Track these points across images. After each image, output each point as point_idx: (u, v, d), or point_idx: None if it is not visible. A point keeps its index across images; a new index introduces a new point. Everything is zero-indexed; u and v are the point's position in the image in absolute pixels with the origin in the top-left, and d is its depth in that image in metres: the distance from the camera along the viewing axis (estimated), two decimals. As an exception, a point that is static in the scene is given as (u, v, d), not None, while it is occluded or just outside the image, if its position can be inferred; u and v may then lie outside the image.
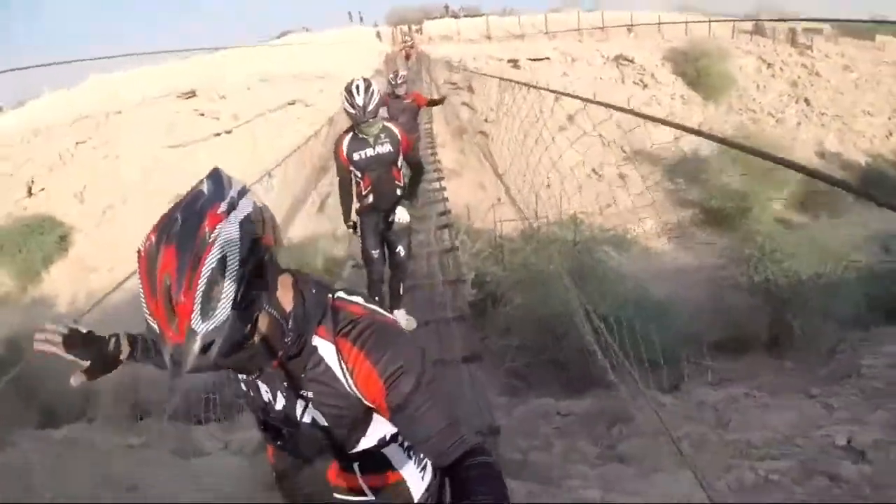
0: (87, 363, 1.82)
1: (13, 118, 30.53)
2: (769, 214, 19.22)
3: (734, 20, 32.62)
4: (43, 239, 23.69)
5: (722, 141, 3.79)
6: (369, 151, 5.26)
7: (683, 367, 10.76)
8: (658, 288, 13.53)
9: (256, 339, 1.42)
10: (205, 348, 1.25)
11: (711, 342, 12.65)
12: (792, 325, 12.85)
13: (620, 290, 12.08)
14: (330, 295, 1.65)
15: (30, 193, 26.03)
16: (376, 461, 1.76)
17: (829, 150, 27.09)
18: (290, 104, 27.51)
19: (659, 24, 29.84)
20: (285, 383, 1.64)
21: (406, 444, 1.78)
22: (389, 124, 5.36)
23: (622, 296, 11.72)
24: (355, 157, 5.27)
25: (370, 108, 4.96)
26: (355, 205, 5.66)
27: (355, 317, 1.59)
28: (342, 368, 1.56)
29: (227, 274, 1.25)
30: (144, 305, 1.28)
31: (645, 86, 28.62)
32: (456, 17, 39.88)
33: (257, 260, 1.33)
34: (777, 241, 14.70)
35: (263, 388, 1.70)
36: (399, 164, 5.50)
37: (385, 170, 5.40)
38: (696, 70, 28.14)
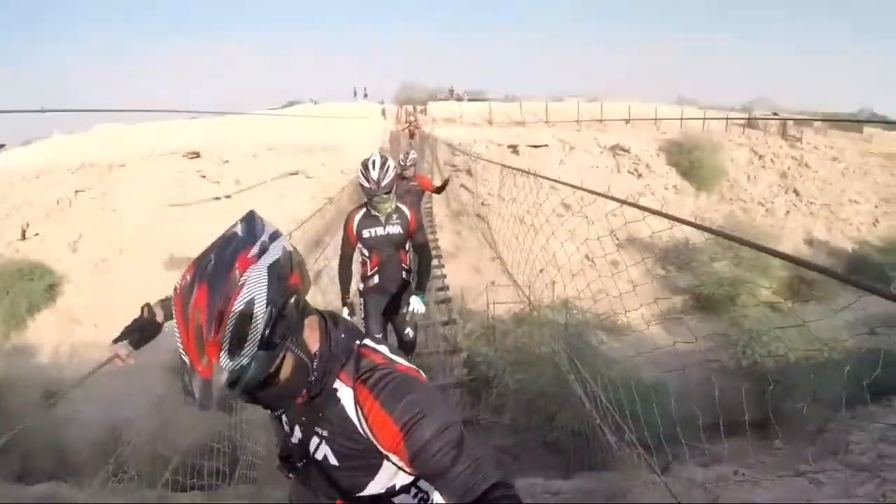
0: (125, 349, 2.26)
1: (17, 157, 30.31)
2: (757, 300, 19.50)
3: (726, 118, 33.29)
4: (32, 285, 23.01)
5: (714, 232, 4.07)
6: (380, 230, 5.24)
7: (674, 449, 10.95)
8: (648, 372, 13.75)
9: (282, 377, 1.52)
10: (231, 384, 1.35)
11: (701, 425, 12.84)
12: (780, 406, 13.10)
13: (611, 374, 12.29)
14: (357, 342, 1.71)
15: (23, 237, 25.80)
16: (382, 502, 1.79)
17: (817, 238, 27.64)
18: (292, 174, 27.82)
19: (656, 119, 30.40)
20: (304, 418, 1.72)
21: (422, 499, 1.83)
22: (401, 205, 5.34)
23: (613, 380, 11.95)
24: (365, 234, 5.24)
25: (384, 182, 4.93)
26: (357, 284, 5.74)
27: (376, 364, 1.64)
28: (357, 413, 1.61)
29: (255, 315, 1.34)
30: (178, 339, 1.36)
31: (639, 175, 29.22)
32: (460, 100, 40.14)
33: (284, 302, 1.40)
34: (764, 325, 14.98)
35: (285, 418, 1.79)
36: (407, 247, 5.49)
37: (394, 251, 5.38)
38: (689, 161, 28.80)
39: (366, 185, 4.96)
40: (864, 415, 12.15)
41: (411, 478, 1.78)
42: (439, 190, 11.60)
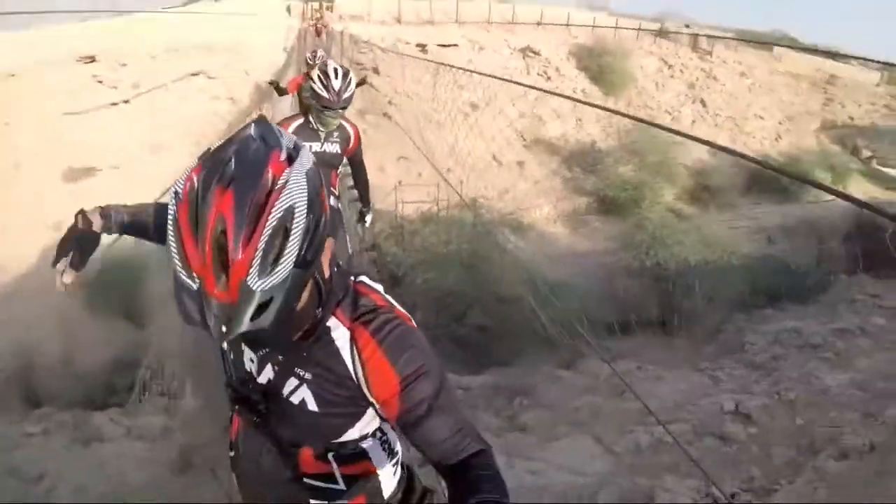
0: (64, 266, 1.78)
1: None
2: (661, 205, 19.95)
3: (638, 28, 33.70)
4: None
5: (741, 155, 3.65)
6: (316, 147, 4.65)
7: (579, 346, 11.08)
8: (554, 271, 13.89)
9: (300, 306, 1.30)
10: (261, 308, 1.13)
11: (605, 323, 13.13)
12: (680, 306, 13.47)
13: (517, 273, 12.35)
14: (352, 277, 1.56)
15: None
16: (354, 453, 1.66)
17: (720, 149, 28.11)
18: (193, 75, 26.52)
19: (568, 24, 30.43)
20: (281, 357, 1.51)
21: (385, 441, 1.72)
22: (346, 122, 4.79)
23: (518, 278, 11.99)
24: None
25: (345, 95, 4.42)
26: None
27: (377, 306, 1.49)
28: (353, 357, 1.44)
29: (294, 226, 1.14)
30: (178, 257, 1.13)
31: (548, 78, 29.13)
32: (368, -5, 39.55)
33: (320, 215, 1.21)
34: (667, 229, 15.37)
35: (249, 355, 1.57)
36: (339, 169, 4.97)
37: (325, 172, 4.07)
38: (598, 66, 28.95)
39: (323, 94, 4.38)
40: (759, 317, 12.63)
41: (378, 422, 1.63)
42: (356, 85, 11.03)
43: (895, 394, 7.29)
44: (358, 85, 10.97)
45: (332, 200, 4.84)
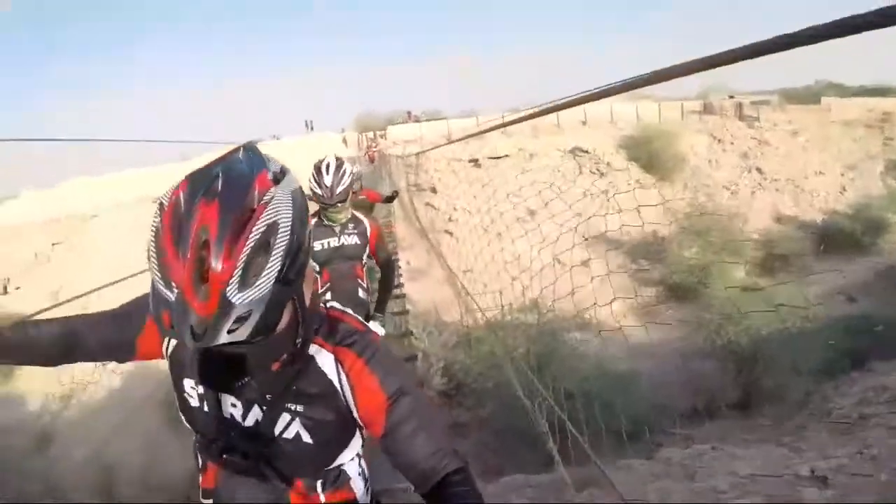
0: None
1: None
2: (729, 282, 19.69)
3: (681, 107, 33.68)
4: None
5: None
6: (333, 241, 4.65)
7: (655, 437, 10.95)
8: (623, 363, 13.82)
9: (279, 328, 1.33)
10: (239, 321, 1.16)
11: (682, 410, 12.94)
12: (760, 383, 13.18)
13: (583, 368, 12.37)
14: (322, 304, 1.61)
15: (5, 291, 26.53)
16: (338, 479, 1.67)
17: (784, 214, 27.90)
18: (253, 208, 27.98)
19: (611, 117, 30.71)
20: (268, 396, 1.51)
21: (361, 467, 1.74)
22: (360, 214, 4.83)
23: (585, 373, 12.00)
24: (317, 246, 4.58)
25: (339, 189, 4.43)
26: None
27: (356, 330, 1.56)
28: (340, 377, 1.50)
29: (277, 242, 1.18)
30: (158, 267, 1.16)
31: (601, 174, 29.42)
32: (418, 121, 40.56)
33: (303, 236, 1.27)
34: (735, 305, 15.01)
35: (229, 400, 1.55)
36: (364, 260, 4.87)
37: (348, 265, 4.77)
38: (647, 154, 29.06)
39: (317, 191, 4.47)
40: (846, 382, 12.25)
41: (359, 445, 1.68)
42: (389, 199, 11.31)
43: None
44: (391, 200, 10.68)
45: (361, 293, 4.92)
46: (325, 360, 1.51)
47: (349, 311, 1.65)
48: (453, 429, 11.58)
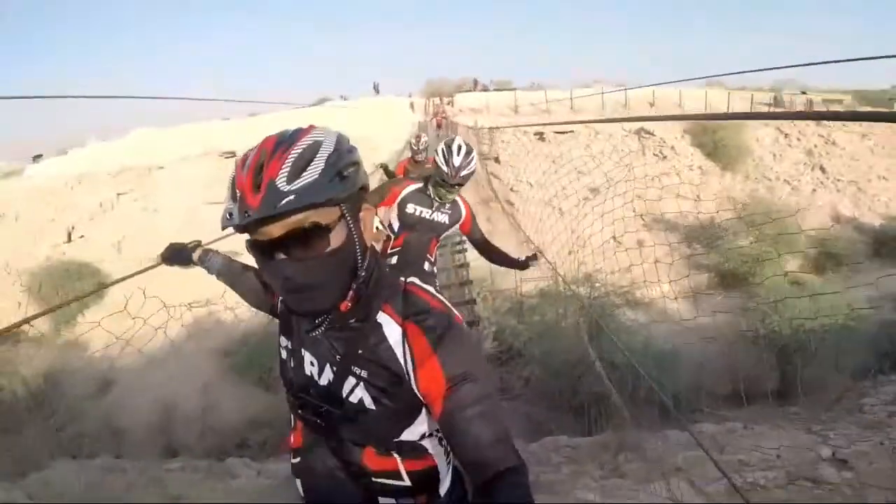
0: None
1: (56, 165, 31.81)
2: (781, 275, 19.92)
3: (751, 99, 33.30)
4: (80, 284, 23.99)
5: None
6: (426, 213, 4.74)
7: (693, 415, 11.40)
8: (668, 342, 14.30)
9: (332, 243, 1.42)
10: (282, 197, 1.32)
11: (721, 393, 13.45)
12: (798, 374, 13.59)
13: (632, 343, 12.90)
14: (402, 279, 1.64)
15: (69, 239, 27.17)
16: (415, 448, 1.68)
17: (843, 214, 27.75)
18: (325, 168, 28.45)
19: (679, 101, 30.63)
20: (337, 356, 1.59)
21: (437, 439, 1.71)
22: (461, 199, 4.91)
23: (633, 347, 12.54)
24: (409, 208, 4.72)
25: (464, 172, 4.48)
26: None
27: (430, 306, 1.56)
28: (405, 353, 1.51)
29: (320, 151, 1.39)
30: (230, 188, 1.39)
31: (664, 157, 29.62)
32: (486, 90, 40.80)
33: (348, 159, 1.44)
34: (783, 297, 15.33)
35: (309, 358, 1.66)
36: (440, 239, 5.06)
37: (426, 238, 4.87)
38: (713, 142, 29.06)
39: (444, 168, 4.49)
40: (882, 383, 12.63)
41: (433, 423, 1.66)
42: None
43: None
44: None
45: (427, 266, 5.00)
46: (392, 331, 1.54)
47: (430, 288, 1.66)
48: (501, 391, 12.05)
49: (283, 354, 1.77)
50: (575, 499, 6.94)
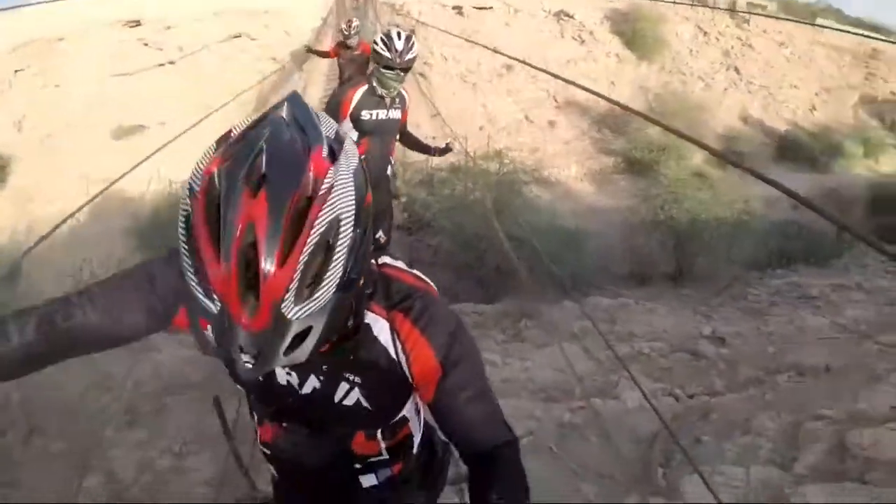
0: None
1: None
2: (685, 166, 20.42)
3: None
4: None
5: (643, 116, 4.02)
6: (381, 114, 4.65)
7: (591, 290, 11.92)
8: (572, 221, 14.76)
9: None
10: (297, 339, 1.02)
11: (619, 272, 14.08)
12: (693, 262, 14.28)
13: (536, 220, 13.28)
14: (374, 260, 1.50)
15: None
16: (396, 423, 1.67)
17: (752, 116, 28.52)
18: (235, 37, 27.71)
19: None
20: (324, 367, 1.47)
21: (414, 405, 1.73)
22: (405, 90, 4.84)
23: (537, 224, 12.92)
24: (364, 115, 4.56)
25: (408, 56, 4.45)
26: None
27: (411, 290, 1.48)
28: (396, 345, 1.44)
29: (339, 242, 1.00)
30: (193, 272, 0.99)
31: (582, 42, 29.51)
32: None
33: (367, 225, 1.09)
34: (684, 187, 16.10)
35: (283, 370, 1.50)
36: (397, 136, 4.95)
37: (388, 139, 4.87)
38: (633, 31, 29.15)
39: (386, 54, 4.43)
40: (769, 276, 13.41)
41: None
42: None
43: (870, 333, 7.88)
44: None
45: (390, 169, 5.11)
46: (380, 328, 1.43)
47: (402, 264, 1.58)
48: (413, 261, 12.31)
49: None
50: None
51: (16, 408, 5.80)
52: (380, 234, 5.23)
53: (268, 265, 0.93)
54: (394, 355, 1.44)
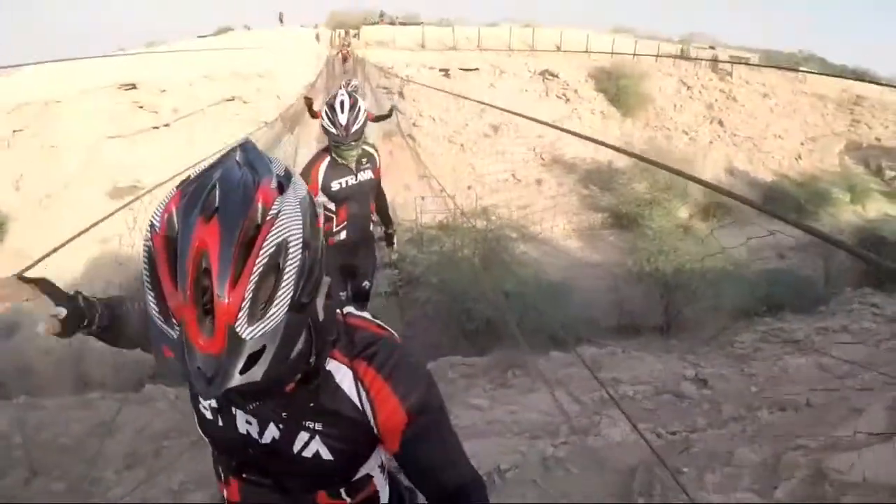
0: (62, 314, 1.51)
1: None
2: (672, 220, 20.74)
3: (657, 54, 33.81)
4: None
5: (631, 154, 3.81)
6: (351, 180, 4.61)
7: (579, 343, 12.07)
8: (559, 275, 15.11)
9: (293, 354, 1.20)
10: (252, 359, 1.05)
11: (607, 325, 14.35)
12: (680, 312, 14.58)
13: (524, 275, 13.61)
14: (339, 311, 1.51)
15: None
16: (361, 481, 1.64)
17: (737, 168, 29.11)
18: (228, 100, 28.44)
19: (588, 51, 30.91)
20: (284, 414, 1.46)
21: (380, 459, 1.69)
22: (369, 147, 4.80)
23: (525, 279, 13.24)
24: (334, 186, 4.56)
25: (354, 128, 4.36)
26: None
27: (374, 337, 1.49)
28: (360, 394, 1.43)
29: (288, 264, 1.05)
30: (155, 299, 1.05)
31: (567, 100, 30.22)
32: (392, 23, 40.76)
33: (317, 250, 1.14)
34: (671, 239, 16.48)
35: (243, 417, 1.49)
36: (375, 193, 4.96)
37: (364, 201, 4.81)
38: (616, 87, 29.73)
39: (332, 130, 4.39)
40: (756, 323, 13.63)
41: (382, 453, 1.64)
42: (381, 118, 10.76)
43: (853, 372, 8.16)
44: (385, 118, 10.78)
45: (372, 227, 5.07)
46: (343, 376, 1.44)
47: (367, 315, 1.59)
48: (402, 323, 12.43)
49: (207, 413, 1.55)
50: (467, 406, 7.65)
51: (17, 449, 6.06)
52: (366, 283, 5.21)
53: (221, 289, 0.98)
54: (358, 404, 1.44)
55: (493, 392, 8.38)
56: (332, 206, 4.65)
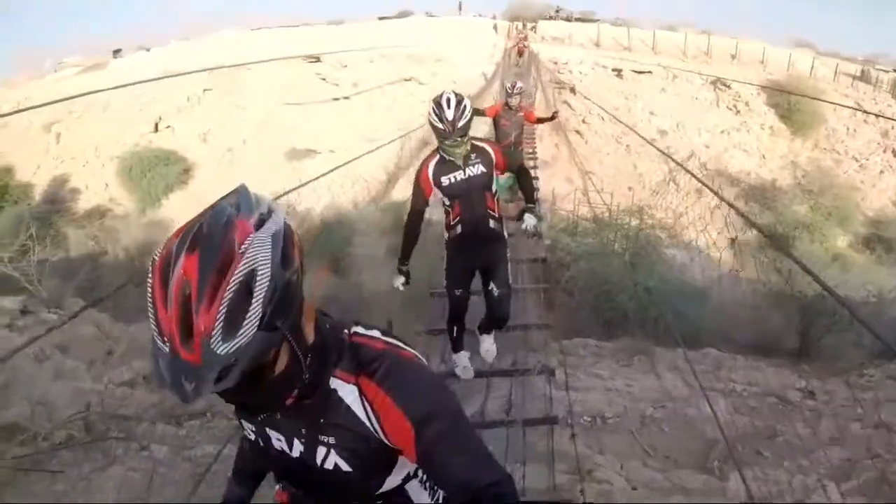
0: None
1: (139, 61, 34.14)
2: (827, 247, 20.86)
3: (836, 69, 32.95)
4: (167, 170, 26.97)
5: (683, 167, 4.37)
6: (459, 175, 4.75)
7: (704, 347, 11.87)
8: (702, 282, 15.70)
9: (277, 371, 1.36)
10: (224, 371, 1.17)
11: (741, 341, 14.60)
12: (820, 341, 14.54)
13: (668, 276, 14.35)
14: (346, 330, 1.60)
15: (156, 129, 29.57)
16: (398, 494, 1.73)
17: (906, 202, 27.86)
18: (406, 80, 30.05)
19: (762, 62, 30.44)
20: (303, 430, 1.58)
21: (425, 480, 1.79)
22: (480, 143, 4.86)
23: (669, 280, 13.98)
24: (444, 182, 4.75)
25: (460, 124, 4.49)
26: (442, 234, 5.18)
27: (377, 353, 1.56)
28: (366, 411, 1.51)
29: (256, 289, 1.18)
30: (153, 319, 1.19)
31: (738, 112, 30.08)
32: (568, 19, 41.41)
33: (287, 279, 1.25)
34: (821, 266, 16.51)
35: (275, 435, 1.64)
36: (493, 189, 4.96)
37: (478, 196, 4.87)
38: (788, 103, 29.06)
39: (438, 125, 4.55)
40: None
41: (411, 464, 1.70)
42: (543, 120, 11.27)
43: None
44: (548, 120, 11.65)
45: (492, 223, 4.99)
46: (347, 392, 1.53)
47: (375, 332, 1.65)
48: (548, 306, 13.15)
49: (251, 436, 1.73)
50: (589, 374, 8.76)
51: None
52: (497, 291, 5.28)
53: (198, 311, 1.13)
54: (364, 418, 1.51)
55: (617, 368, 9.38)
56: (447, 201, 4.87)
